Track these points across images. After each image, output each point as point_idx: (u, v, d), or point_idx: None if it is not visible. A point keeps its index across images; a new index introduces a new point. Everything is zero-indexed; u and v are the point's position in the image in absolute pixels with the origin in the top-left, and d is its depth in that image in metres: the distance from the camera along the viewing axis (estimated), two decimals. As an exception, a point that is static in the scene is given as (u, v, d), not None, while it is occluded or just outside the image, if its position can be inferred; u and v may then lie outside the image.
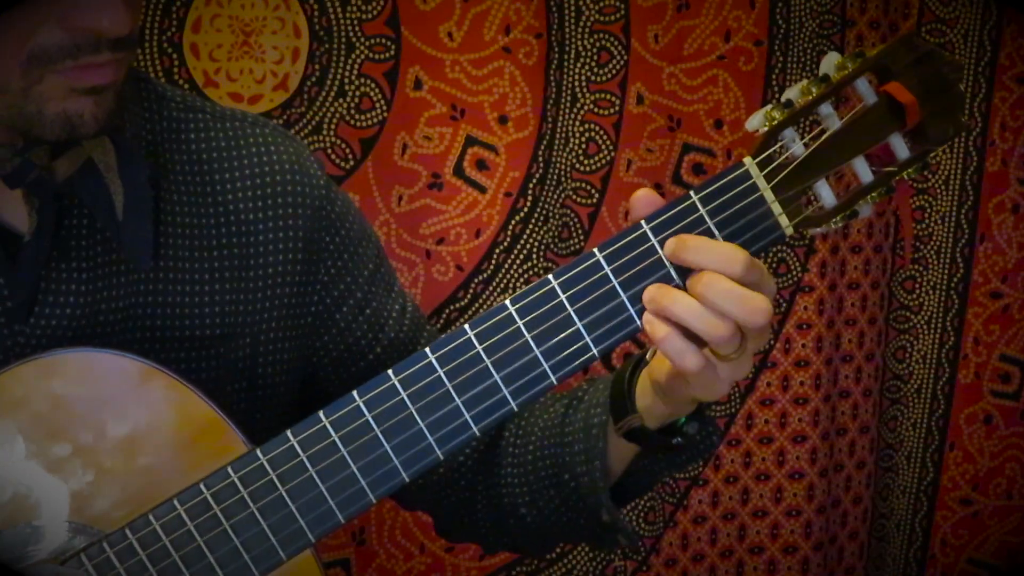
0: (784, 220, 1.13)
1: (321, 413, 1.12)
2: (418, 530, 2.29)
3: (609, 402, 1.24)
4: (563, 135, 2.28)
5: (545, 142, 2.27)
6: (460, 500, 1.36)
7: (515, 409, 1.13)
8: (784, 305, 2.46)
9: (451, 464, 1.35)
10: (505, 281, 2.28)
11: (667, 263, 1.12)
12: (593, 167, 2.32)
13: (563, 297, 1.12)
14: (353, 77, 2.15)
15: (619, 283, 1.12)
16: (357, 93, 2.16)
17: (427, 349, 1.12)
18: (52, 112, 1.08)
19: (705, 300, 1.09)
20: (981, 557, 2.63)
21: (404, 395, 1.12)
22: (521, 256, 2.28)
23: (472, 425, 1.13)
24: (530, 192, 2.27)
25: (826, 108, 1.14)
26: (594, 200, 2.32)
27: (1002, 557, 2.62)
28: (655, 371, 1.18)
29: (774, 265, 2.44)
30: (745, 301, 1.09)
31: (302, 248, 1.28)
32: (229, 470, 1.11)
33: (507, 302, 1.12)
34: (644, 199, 1.13)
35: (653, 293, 1.11)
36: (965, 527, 2.61)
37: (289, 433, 1.12)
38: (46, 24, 1.05)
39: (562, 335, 1.12)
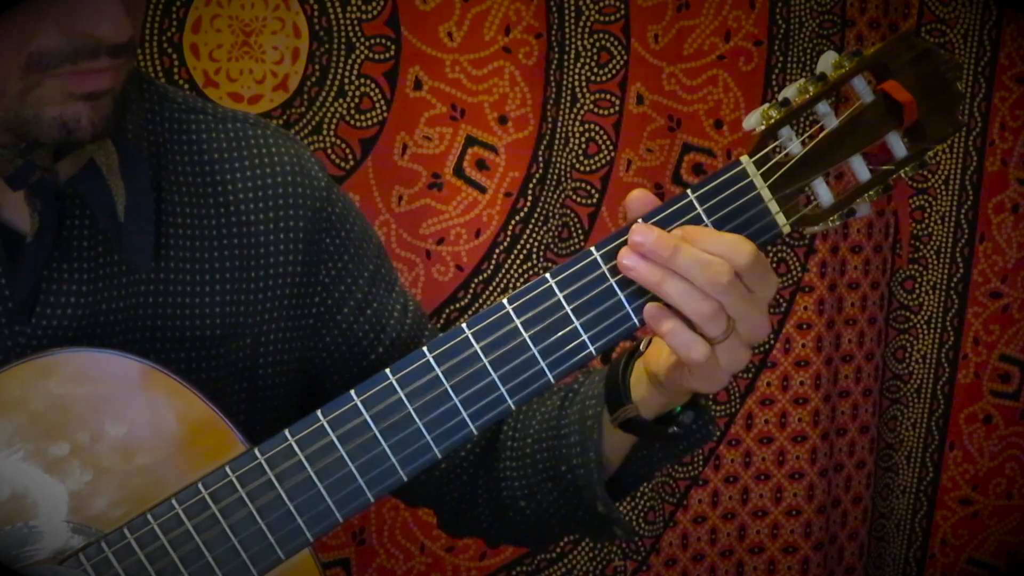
0: (781, 218, 1.13)
1: (319, 412, 1.12)
2: (418, 530, 2.29)
3: (604, 394, 1.24)
4: (563, 135, 2.28)
5: (545, 142, 2.27)
6: (461, 496, 1.37)
7: (512, 408, 1.13)
8: (784, 305, 2.46)
9: (452, 460, 1.35)
10: (505, 281, 2.28)
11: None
12: (593, 167, 2.32)
13: (560, 296, 1.12)
14: (353, 77, 2.15)
15: (616, 282, 1.12)
16: (357, 93, 2.16)
17: (424, 348, 1.12)
18: (49, 116, 1.08)
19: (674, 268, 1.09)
20: (981, 557, 2.62)
21: (402, 394, 1.12)
22: (521, 256, 2.28)
23: (470, 424, 1.13)
24: (530, 192, 2.27)
25: (823, 107, 1.14)
26: (594, 200, 2.32)
27: (1002, 557, 2.62)
28: (652, 363, 1.18)
29: (774, 265, 2.44)
30: (706, 267, 1.09)
31: (303, 249, 1.28)
32: (227, 469, 1.11)
33: (504, 301, 1.12)
34: (639, 199, 1.13)
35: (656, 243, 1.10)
36: (965, 527, 2.61)
37: (287, 432, 1.12)
38: (46, 28, 1.05)
39: (559, 333, 1.12)
